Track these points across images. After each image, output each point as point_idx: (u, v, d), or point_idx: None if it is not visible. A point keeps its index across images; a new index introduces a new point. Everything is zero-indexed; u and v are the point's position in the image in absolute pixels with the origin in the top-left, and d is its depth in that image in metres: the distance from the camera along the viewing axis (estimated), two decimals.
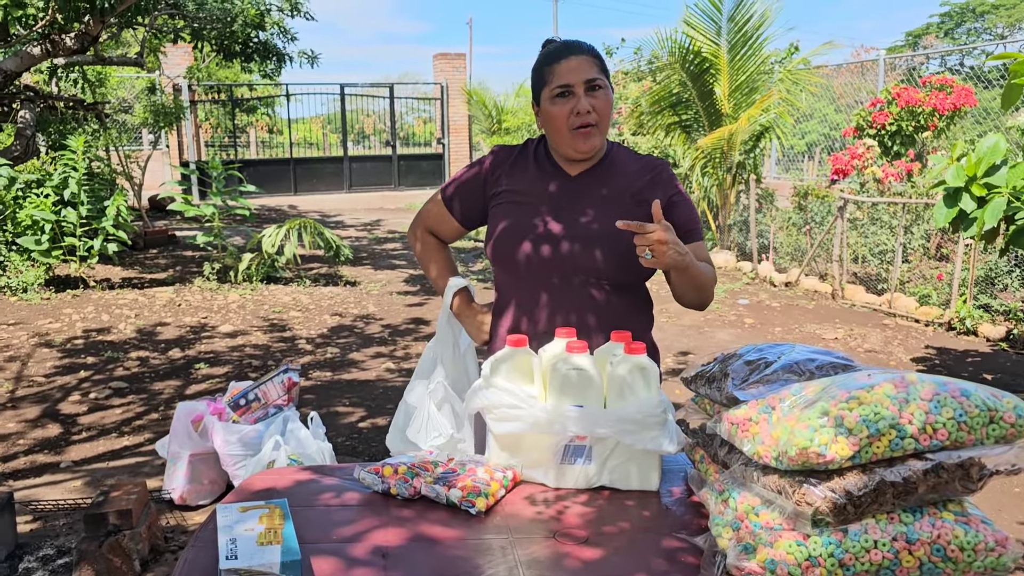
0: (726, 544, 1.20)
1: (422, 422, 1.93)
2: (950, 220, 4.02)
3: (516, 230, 1.83)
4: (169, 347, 5.58)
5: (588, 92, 1.77)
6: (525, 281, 1.85)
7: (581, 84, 1.77)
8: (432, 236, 2.04)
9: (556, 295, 1.82)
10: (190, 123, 14.49)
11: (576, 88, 1.77)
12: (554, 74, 1.79)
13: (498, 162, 1.91)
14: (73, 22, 6.96)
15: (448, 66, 17.23)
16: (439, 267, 2.03)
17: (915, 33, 30.59)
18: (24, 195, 7.01)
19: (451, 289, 1.96)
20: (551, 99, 1.80)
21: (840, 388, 1.17)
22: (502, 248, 1.85)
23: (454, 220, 1.96)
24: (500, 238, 1.85)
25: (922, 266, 7.16)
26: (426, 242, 2.04)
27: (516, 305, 1.88)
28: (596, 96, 1.78)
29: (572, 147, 1.81)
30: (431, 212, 2.00)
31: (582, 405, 1.50)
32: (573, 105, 1.77)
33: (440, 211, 1.97)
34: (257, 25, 9.21)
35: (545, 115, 1.83)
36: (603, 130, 1.81)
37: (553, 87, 1.79)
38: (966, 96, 7.97)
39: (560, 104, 1.78)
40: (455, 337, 1.96)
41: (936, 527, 1.10)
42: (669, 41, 9.02)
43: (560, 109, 1.78)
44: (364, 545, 1.34)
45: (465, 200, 1.94)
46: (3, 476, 3.57)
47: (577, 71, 1.77)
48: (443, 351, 1.96)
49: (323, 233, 7.81)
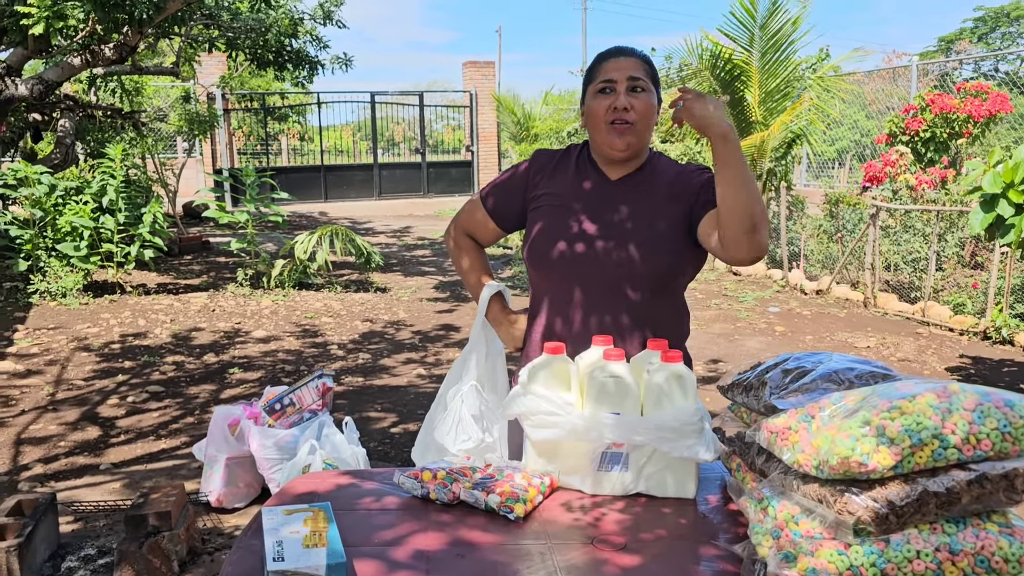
0: (766, 552, 1.20)
1: (451, 425, 1.94)
2: (986, 227, 3.98)
3: (553, 231, 1.84)
4: (204, 352, 5.66)
5: (629, 92, 1.79)
6: (561, 282, 1.85)
7: (624, 81, 1.80)
8: (468, 239, 2.05)
9: (591, 296, 1.82)
10: (223, 131, 14.69)
11: (618, 85, 1.80)
12: (601, 71, 1.83)
13: (539, 166, 1.93)
14: (112, 33, 7.12)
15: (477, 74, 17.32)
16: (473, 266, 2.05)
17: (948, 38, 30.19)
18: (64, 202, 7.16)
19: (486, 294, 1.98)
20: (593, 95, 1.83)
21: (881, 397, 1.17)
22: (539, 249, 1.86)
23: (491, 222, 1.98)
24: (537, 239, 1.87)
25: (956, 274, 7.06)
26: (461, 244, 2.06)
27: (551, 307, 1.89)
28: (637, 96, 1.80)
29: (607, 143, 1.82)
30: (468, 214, 2.02)
31: (619, 412, 1.51)
32: (612, 101, 1.79)
33: (478, 213, 1.99)
34: (290, 34, 9.33)
35: (587, 110, 1.85)
36: (641, 131, 1.82)
37: (597, 82, 1.83)
38: (1001, 102, 7.87)
39: (600, 99, 1.81)
40: (487, 341, 1.97)
41: (980, 538, 1.09)
42: (699, 48, 9.01)
43: (599, 104, 1.81)
44: (405, 549, 1.36)
45: (503, 202, 1.96)
46: (45, 477, 3.65)
47: (622, 69, 1.81)
48: (476, 354, 1.97)
49: (354, 240, 7.89)
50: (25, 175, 6.93)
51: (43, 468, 3.75)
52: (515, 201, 1.94)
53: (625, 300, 1.81)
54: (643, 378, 1.55)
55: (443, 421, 1.96)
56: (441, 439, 1.93)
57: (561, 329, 1.86)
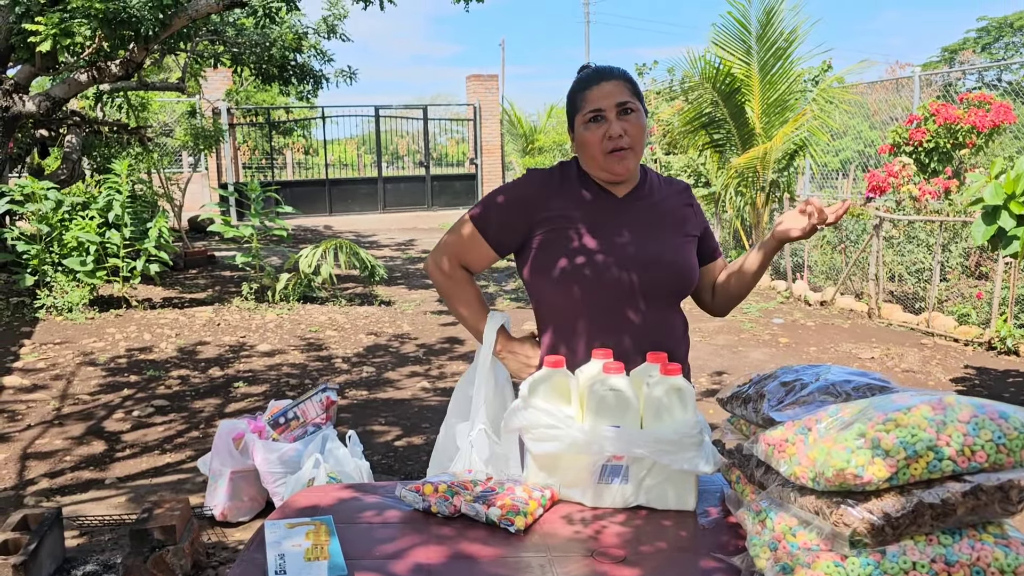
0: (764, 564, 1.21)
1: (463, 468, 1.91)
2: (988, 238, 3.99)
3: (574, 253, 1.82)
4: (209, 366, 5.68)
5: (620, 116, 1.80)
6: (581, 301, 1.82)
7: (613, 108, 1.80)
8: (463, 270, 1.93)
9: (611, 312, 1.83)
10: (229, 146, 14.78)
11: (608, 112, 1.80)
12: (586, 100, 1.82)
13: (538, 186, 1.88)
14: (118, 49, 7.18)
15: (481, 87, 17.40)
16: (470, 305, 1.94)
17: (951, 48, 30.24)
18: (70, 217, 7.20)
19: (493, 326, 1.90)
20: (584, 124, 1.83)
21: (877, 410, 1.18)
22: (557, 270, 1.81)
23: (487, 246, 1.88)
24: (554, 261, 1.82)
25: (960, 284, 7.06)
26: (456, 277, 1.93)
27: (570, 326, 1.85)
28: (628, 120, 1.80)
29: (607, 170, 1.83)
30: (460, 240, 1.90)
31: (619, 425, 1.52)
32: (606, 129, 1.79)
33: (472, 237, 1.88)
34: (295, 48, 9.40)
35: (579, 140, 1.85)
36: (637, 153, 1.83)
37: (585, 112, 1.82)
38: (1005, 113, 7.88)
39: (593, 129, 1.81)
40: (496, 374, 1.90)
41: (976, 549, 1.10)
42: (700, 61, 9.04)
43: (593, 134, 1.81)
44: (406, 562, 1.37)
45: (505, 225, 1.87)
46: (50, 492, 3.66)
47: (609, 95, 1.80)
48: (485, 391, 1.88)
49: (358, 253, 7.92)
50: (32, 191, 6.98)
51: (49, 482, 3.76)
52: (519, 222, 1.86)
53: (642, 314, 1.83)
54: (643, 391, 1.57)
55: (457, 461, 1.90)
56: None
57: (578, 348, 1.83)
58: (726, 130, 9.40)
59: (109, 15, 6.25)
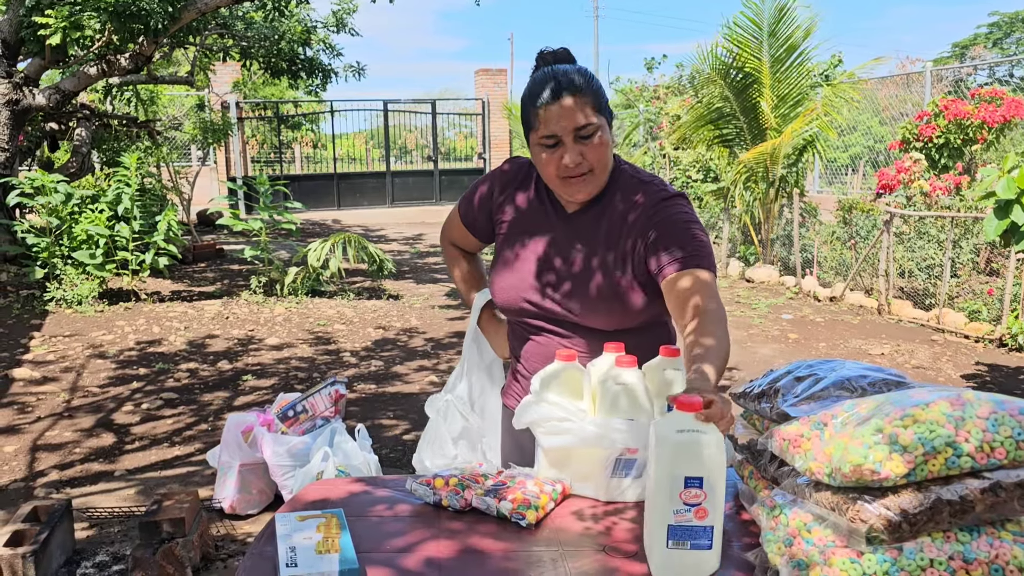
0: (778, 560, 1.20)
1: (430, 439, 1.97)
2: (1000, 233, 3.96)
3: (506, 272, 1.78)
4: (218, 359, 5.69)
5: (578, 141, 1.60)
6: (520, 323, 1.81)
7: (569, 133, 1.59)
8: (455, 248, 2.02)
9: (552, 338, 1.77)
10: (237, 139, 14.80)
11: (564, 138, 1.60)
12: (540, 120, 1.61)
13: (505, 182, 1.82)
14: (128, 43, 7.19)
15: (489, 81, 17.38)
16: (463, 278, 2.03)
17: (962, 44, 30.05)
18: (80, 210, 7.22)
19: (478, 303, 1.97)
20: (538, 145, 1.64)
21: (894, 405, 1.16)
22: (494, 288, 1.81)
23: (470, 235, 1.93)
24: (493, 277, 1.82)
25: (971, 281, 7.02)
26: (449, 251, 2.03)
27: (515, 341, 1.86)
28: (588, 143, 1.61)
29: (566, 195, 1.69)
30: (451, 221, 1.97)
31: (632, 419, 1.51)
32: (561, 155, 1.61)
33: (457, 222, 1.94)
34: (303, 42, 9.40)
35: (535, 158, 1.68)
36: (599, 174, 1.65)
37: (540, 135, 1.62)
38: (1016, 108, 7.82)
39: (548, 153, 1.63)
40: (480, 350, 1.99)
41: (994, 547, 1.09)
42: (711, 56, 9.01)
43: (548, 158, 1.63)
44: (416, 556, 1.36)
45: (475, 218, 1.89)
46: (60, 484, 3.67)
47: (564, 118, 1.58)
48: (468, 364, 1.99)
49: (367, 247, 7.91)
50: (42, 184, 7.00)
51: (58, 474, 3.77)
52: (484, 218, 1.87)
53: (589, 339, 1.73)
54: (656, 385, 1.55)
55: (426, 432, 1.99)
56: (423, 451, 1.96)
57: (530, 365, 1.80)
58: (736, 125, 9.36)
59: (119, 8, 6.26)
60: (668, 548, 1.25)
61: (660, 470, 1.24)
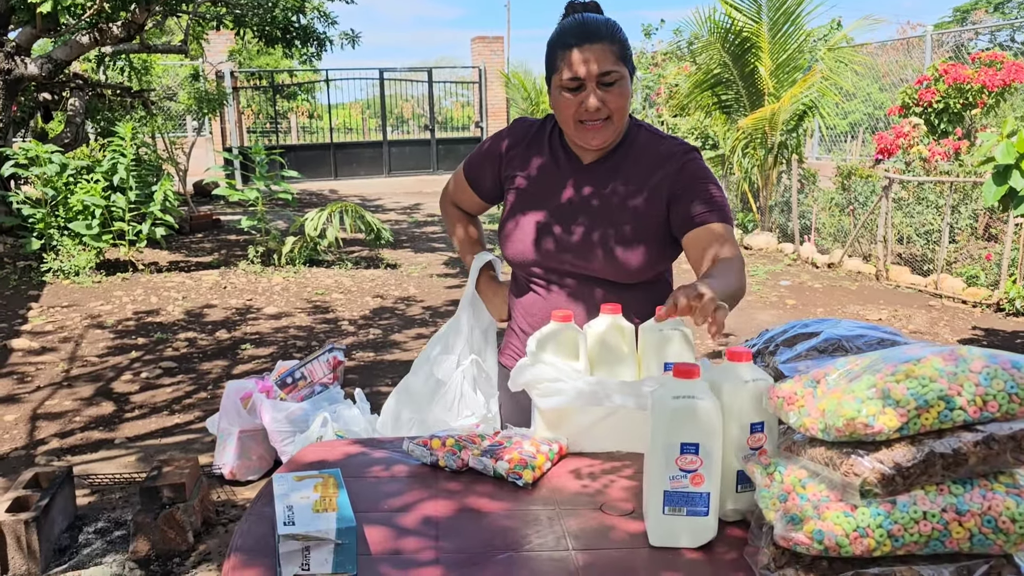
0: (773, 516, 1.20)
1: (453, 400, 1.96)
2: (999, 198, 3.95)
3: (520, 222, 1.78)
4: (216, 328, 5.70)
5: (601, 87, 1.63)
6: (531, 275, 1.82)
7: (594, 78, 1.62)
8: (456, 208, 2.02)
9: (560, 290, 1.78)
10: (232, 110, 14.68)
11: (588, 82, 1.63)
12: (566, 62, 1.64)
13: (514, 140, 1.83)
14: (120, 11, 7.11)
15: (486, 49, 17.21)
16: (463, 236, 2.03)
17: (963, 8, 29.72)
18: (75, 181, 7.18)
19: (476, 265, 1.97)
20: (560, 88, 1.67)
21: (887, 361, 1.16)
22: (506, 239, 1.82)
23: (474, 195, 1.93)
24: (505, 228, 1.82)
25: (970, 246, 7.01)
26: (450, 213, 2.04)
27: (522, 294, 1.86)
28: (610, 90, 1.64)
29: (581, 140, 1.70)
30: (455, 184, 1.98)
31: (627, 379, 1.52)
32: (582, 99, 1.64)
33: (461, 183, 1.95)
34: (298, 9, 9.29)
35: (554, 102, 1.70)
36: (617, 123, 1.68)
37: (563, 77, 1.65)
38: (1017, 72, 7.76)
39: (568, 97, 1.65)
40: (476, 313, 1.99)
41: (987, 499, 1.09)
42: (709, 21, 8.92)
43: (568, 102, 1.66)
44: (414, 515, 1.37)
45: (482, 176, 1.90)
46: (61, 451, 3.69)
47: (590, 62, 1.61)
48: (468, 326, 1.99)
49: (364, 216, 7.89)
50: (36, 154, 6.95)
51: (59, 442, 3.79)
52: (491, 176, 1.87)
53: (596, 293, 1.75)
54: (651, 343, 1.55)
55: (443, 396, 1.97)
56: (443, 414, 1.94)
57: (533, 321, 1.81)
58: (735, 91, 9.29)
59: None
60: (664, 514, 1.25)
61: (656, 436, 1.25)
